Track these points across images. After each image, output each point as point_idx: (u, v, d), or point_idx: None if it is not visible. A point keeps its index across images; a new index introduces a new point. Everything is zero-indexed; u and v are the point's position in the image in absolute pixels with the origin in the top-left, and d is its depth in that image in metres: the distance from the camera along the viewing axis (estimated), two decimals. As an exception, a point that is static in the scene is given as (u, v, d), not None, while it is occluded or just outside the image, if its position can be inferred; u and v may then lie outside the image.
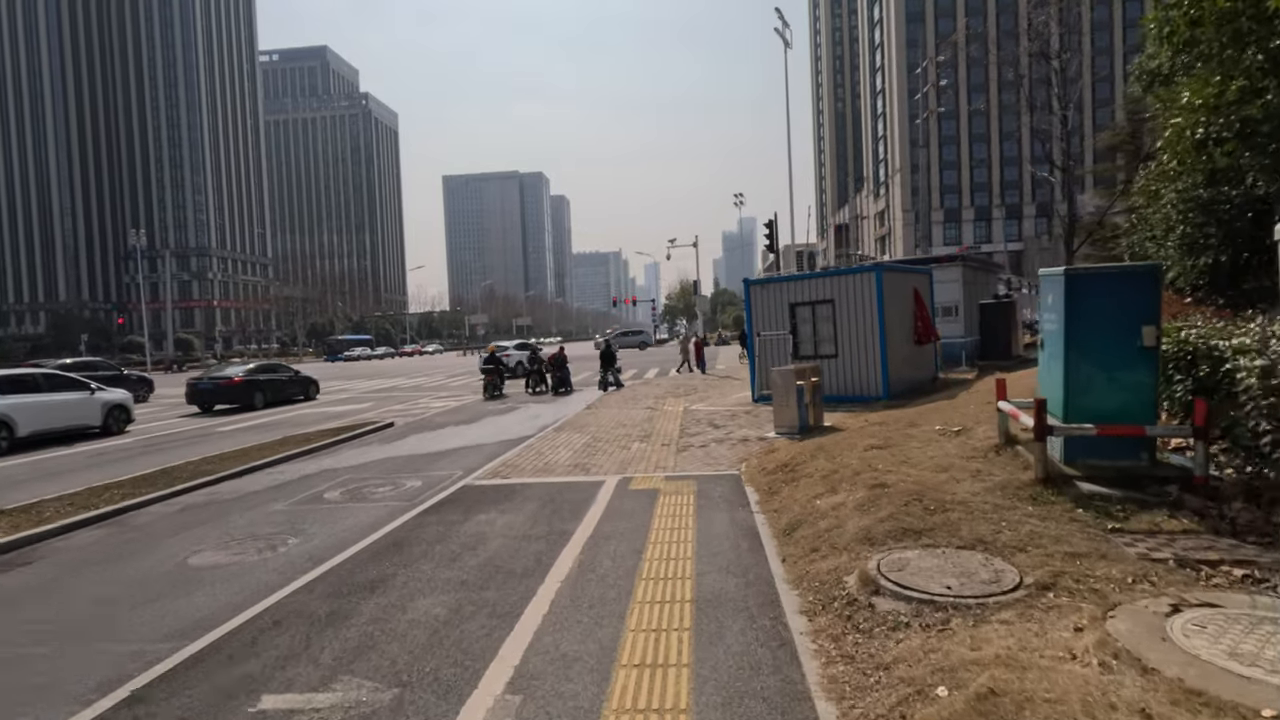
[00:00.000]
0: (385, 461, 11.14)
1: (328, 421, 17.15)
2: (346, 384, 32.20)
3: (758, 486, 7.20)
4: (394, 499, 8.31)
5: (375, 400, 22.55)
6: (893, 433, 7.95)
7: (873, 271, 13.74)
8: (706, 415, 13.69)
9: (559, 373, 22.11)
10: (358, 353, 76.09)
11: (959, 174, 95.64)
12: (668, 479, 8.04)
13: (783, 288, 14.94)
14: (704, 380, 22.16)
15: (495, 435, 13.45)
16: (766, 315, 15.14)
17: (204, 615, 4.90)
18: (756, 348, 15.24)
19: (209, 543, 6.99)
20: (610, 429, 12.71)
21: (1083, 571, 3.89)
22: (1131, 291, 5.10)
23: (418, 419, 17.00)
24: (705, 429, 11.90)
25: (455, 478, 9.27)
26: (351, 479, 9.77)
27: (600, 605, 4.39)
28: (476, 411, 17.84)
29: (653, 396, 18.18)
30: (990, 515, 4.82)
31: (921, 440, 7.29)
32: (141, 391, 24.65)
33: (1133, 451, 5.28)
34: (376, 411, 19.09)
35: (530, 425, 14.55)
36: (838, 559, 4.60)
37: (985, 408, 9.04)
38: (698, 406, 15.31)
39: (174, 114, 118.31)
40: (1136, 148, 21.46)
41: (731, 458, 9.13)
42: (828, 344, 14.44)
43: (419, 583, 5.06)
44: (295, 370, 23.18)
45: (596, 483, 8.12)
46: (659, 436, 11.50)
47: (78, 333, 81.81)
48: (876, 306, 13.66)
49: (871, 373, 13.83)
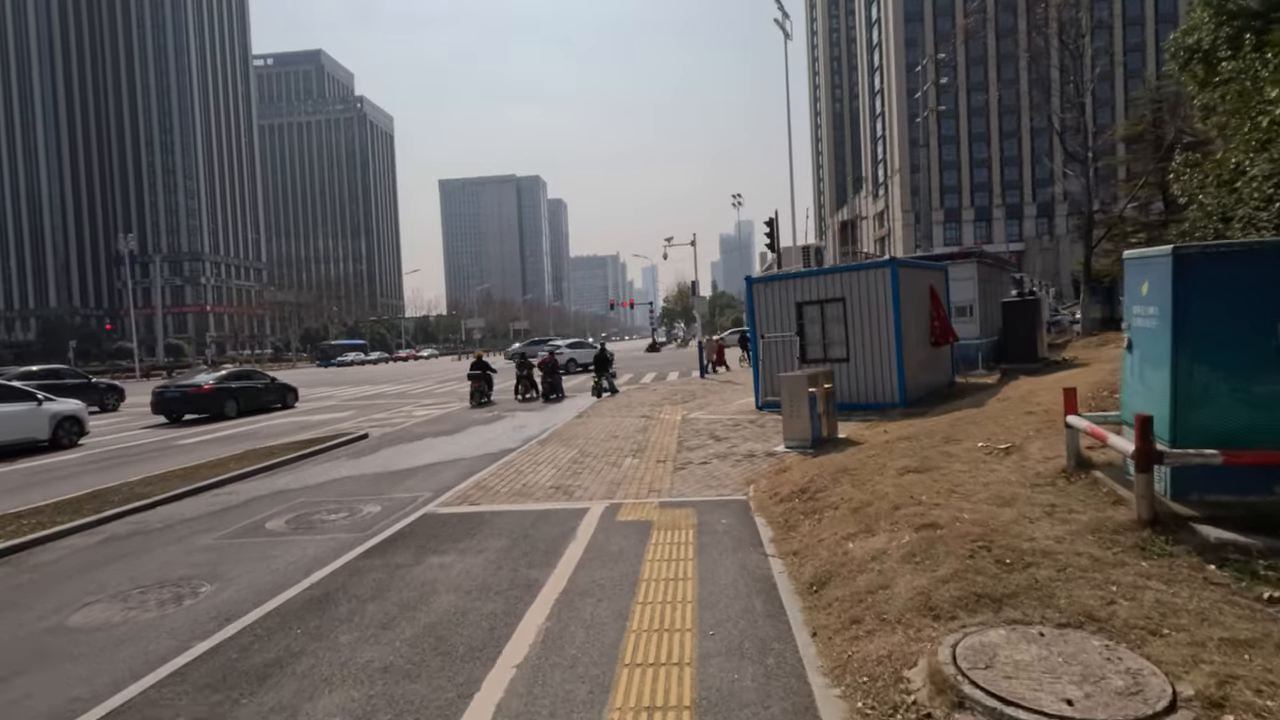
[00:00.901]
0: (348, 481, 9.91)
1: (300, 432, 15.92)
2: (333, 390, 30.95)
3: (771, 518, 5.98)
4: (344, 530, 7.08)
5: (357, 408, 21.30)
6: (927, 450, 6.73)
7: (887, 267, 12.53)
8: (707, 425, 12.47)
9: (550, 378, 20.88)
10: (351, 358, 74.85)
11: (959, 174, 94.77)
12: (663, 505, 6.81)
13: (788, 285, 13.73)
14: (703, 385, 20.95)
15: (475, 448, 12.22)
16: (770, 315, 13.94)
17: (44, 712, 3.68)
18: (760, 351, 14.03)
19: (108, 590, 5.75)
20: (601, 441, 11.48)
21: (1262, 675, 2.67)
22: (1264, 276, 3.91)
23: (396, 429, 15.77)
24: (706, 441, 10.68)
25: (419, 502, 8.04)
26: (304, 503, 8.53)
27: (564, 713, 3.17)
28: (459, 421, 16.60)
29: (649, 403, 16.96)
30: (1091, 574, 3.60)
31: (966, 461, 6.07)
32: (110, 400, 23.38)
33: (1263, 484, 4.07)
34: (355, 421, 17.85)
35: (514, 437, 13.32)
36: (890, 637, 3.37)
37: (1027, 418, 7.84)
38: (697, 415, 14.09)
39: (166, 118, 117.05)
40: (1159, 137, 20.30)
41: (737, 478, 7.91)
42: (838, 346, 13.24)
43: (329, 668, 3.82)
44: (272, 377, 21.91)
45: (579, 510, 6.89)
46: (654, 450, 10.28)
47: (67, 339, 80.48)
48: (892, 305, 12.45)
49: (886, 377, 12.61)
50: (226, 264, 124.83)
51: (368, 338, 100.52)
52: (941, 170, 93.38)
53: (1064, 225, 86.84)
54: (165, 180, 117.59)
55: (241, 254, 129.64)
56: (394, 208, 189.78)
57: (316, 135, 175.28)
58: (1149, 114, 20.61)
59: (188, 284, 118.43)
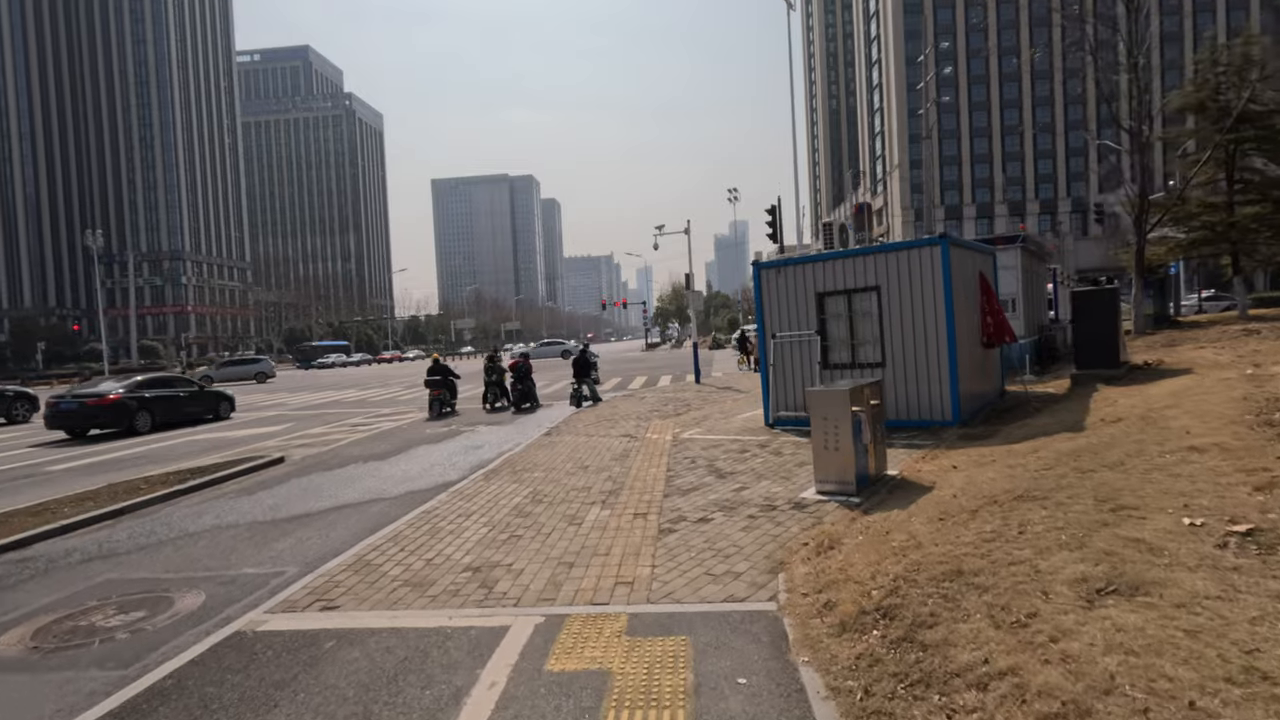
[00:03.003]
0: (204, 537, 7.06)
1: (210, 453, 13.07)
2: (290, 397, 27.99)
3: (832, 677, 3.17)
4: (97, 662, 4.22)
5: (300, 419, 18.40)
6: (1082, 524, 3.94)
7: (938, 244, 9.74)
8: (705, 450, 9.64)
9: (522, 385, 18.03)
10: (331, 360, 71.68)
11: (959, 170, 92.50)
12: (633, 629, 3.98)
13: (806, 272, 10.92)
14: (699, 393, 18.11)
15: (404, 481, 9.39)
16: (784, 310, 11.13)
17: None
18: (770, 354, 11.22)
19: None
20: (564, 475, 8.65)
21: None
22: None
23: (326, 449, 12.91)
24: (705, 478, 7.86)
25: (263, 593, 5.19)
26: (107, 584, 5.70)
27: None
28: (405, 439, 13.75)
29: (635, 416, 14.14)
30: None
31: (1192, 564, 3.26)
32: (20, 410, 20.41)
33: None
34: (285, 438, 14.99)
35: (460, 464, 10.48)
36: None
37: (1195, 459, 5.08)
38: (693, 433, 11.26)
39: (145, 111, 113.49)
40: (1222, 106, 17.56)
41: (755, 554, 5.10)
42: (869, 348, 10.45)
43: None
44: (199, 384, 18.96)
45: (491, 633, 4.06)
46: (633, 492, 7.45)
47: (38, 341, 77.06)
48: (944, 293, 9.67)
49: (935, 388, 9.84)
50: (209, 263, 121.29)
51: (354, 339, 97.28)
52: (942, 166, 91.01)
53: (1068, 222, 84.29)
54: (145, 177, 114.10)
55: (225, 253, 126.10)
56: (383, 206, 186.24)
57: (304, 132, 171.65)
58: (1211, 79, 17.91)
59: (168, 283, 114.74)
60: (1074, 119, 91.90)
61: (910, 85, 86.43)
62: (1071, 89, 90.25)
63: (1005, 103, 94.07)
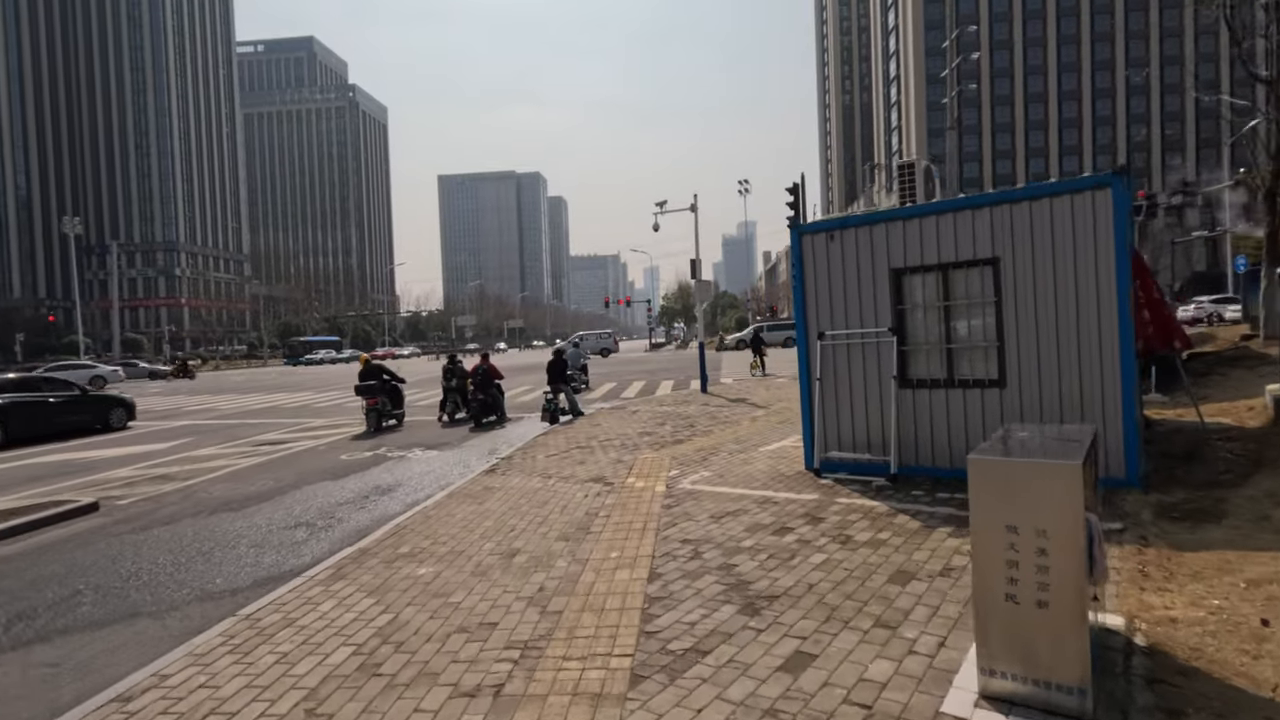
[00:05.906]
0: None
1: (35, 484, 9.47)
2: (237, 399, 24.35)
3: None
4: None
5: (205, 433, 14.71)
6: None
7: (1107, 184, 5.87)
8: (716, 525, 5.82)
9: (483, 395, 14.28)
10: (320, 355, 68.36)
11: (980, 166, 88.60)
12: None
13: (876, 236, 7.08)
14: (705, 407, 14.25)
15: (211, 574, 5.66)
16: (837, 295, 7.31)
17: None
18: (816, 363, 7.39)
19: None
20: (467, 576, 4.87)
21: None
22: None
23: (179, 487, 9.20)
24: (717, 613, 4.04)
25: None
26: None
27: None
28: (305, 469, 10.02)
29: (619, 441, 10.34)
30: None
31: None
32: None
33: None
34: (163, 460, 11.34)
35: (336, 526, 6.74)
36: None
37: None
38: (697, 481, 7.42)
39: (140, 98, 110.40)
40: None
41: None
42: (975, 356, 6.63)
43: None
44: (83, 389, 15.27)
45: None
46: (568, 660, 3.67)
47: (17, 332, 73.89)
48: (1114, 270, 5.84)
49: (1099, 426, 5.97)
50: (205, 255, 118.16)
51: (350, 335, 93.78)
52: (962, 162, 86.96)
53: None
54: (139, 166, 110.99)
55: (221, 245, 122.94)
56: (387, 200, 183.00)
57: (307, 124, 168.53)
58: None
59: (161, 275, 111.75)
60: (1101, 114, 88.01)
61: (930, 78, 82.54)
62: (1100, 82, 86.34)
63: (1030, 96, 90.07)
